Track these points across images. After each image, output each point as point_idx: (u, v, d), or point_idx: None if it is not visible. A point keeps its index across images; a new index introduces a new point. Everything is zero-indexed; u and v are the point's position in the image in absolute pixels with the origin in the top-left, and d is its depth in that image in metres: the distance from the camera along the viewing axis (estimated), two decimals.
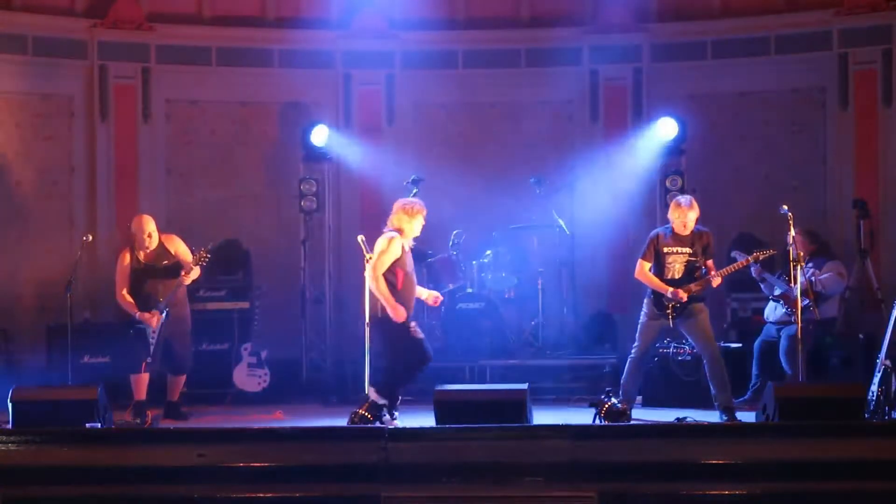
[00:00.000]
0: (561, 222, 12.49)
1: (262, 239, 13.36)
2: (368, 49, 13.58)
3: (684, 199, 9.86)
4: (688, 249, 9.75)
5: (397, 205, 9.64)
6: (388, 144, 13.60)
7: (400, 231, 9.53)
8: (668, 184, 12.41)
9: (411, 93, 13.64)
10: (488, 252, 12.33)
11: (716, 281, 9.74)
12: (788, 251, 9.91)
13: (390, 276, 9.40)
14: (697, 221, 9.81)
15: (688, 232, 9.77)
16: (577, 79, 13.55)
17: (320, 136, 12.68)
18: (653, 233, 10.08)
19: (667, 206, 12.31)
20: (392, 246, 9.42)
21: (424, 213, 9.63)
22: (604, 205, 13.35)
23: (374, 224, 12.87)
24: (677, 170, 12.47)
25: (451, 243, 12.24)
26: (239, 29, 13.47)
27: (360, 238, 9.88)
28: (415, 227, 9.60)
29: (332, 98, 13.61)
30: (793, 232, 9.86)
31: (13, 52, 12.72)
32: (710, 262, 9.82)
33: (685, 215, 9.74)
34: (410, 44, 13.61)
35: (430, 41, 13.67)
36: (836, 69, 12.82)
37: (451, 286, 12.13)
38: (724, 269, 9.90)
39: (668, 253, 9.78)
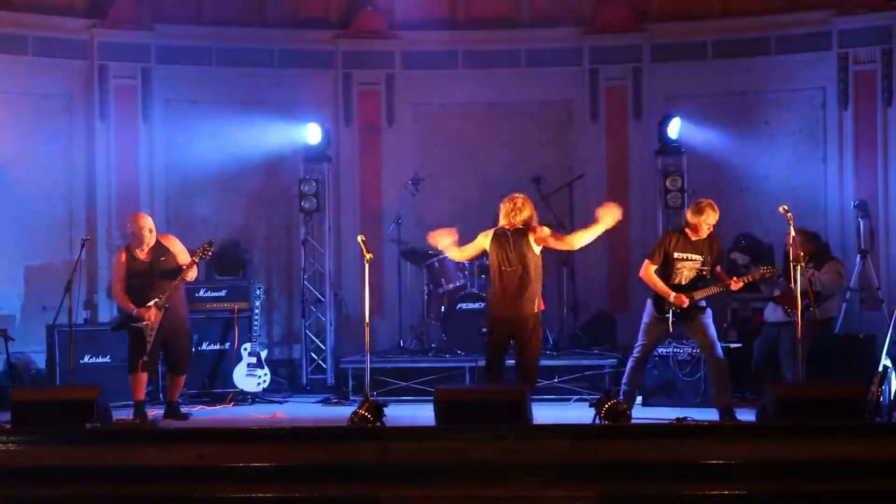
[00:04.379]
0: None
1: (262, 239, 13.37)
2: (368, 49, 13.60)
3: (706, 202, 9.64)
4: (699, 257, 9.62)
5: (522, 200, 9.48)
6: (388, 144, 13.62)
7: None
8: (668, 184, 12.42)
9: (411, 93, 13.65)
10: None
11: (736, 285, 9.67)
12: (788, 251, 9.90)
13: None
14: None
15: (703, 236, 9.69)
16: (577, 79, 13.55)
17: (320, 136, 12.70)
18: (664, 234, 10.02)
19: (667, 206, 12.42)
20: None
21: None
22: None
23: (374, 224, 13.01)
24: (677, 170, 12.48)
25: None
26: (239, 29, 13.47)
27: (361, 238, 9.89)
28: None
29: (332, 98, 13.61)
30: (792, 232, 9.84)
31: (13, 52, 12.71)
32: (718, 269, 9.76)
33: (710, 219, 9.59)
34: (410, 44, 13.62)
35: (430, 41, 13.68)
36: (836, 69, 12.82)
37: (450, 286, 12.14)
38: (743, 279, 9.80)
39: (678, 259, 9.65)
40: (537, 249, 9.40)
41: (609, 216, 9.33)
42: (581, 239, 9.44)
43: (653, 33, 13.48)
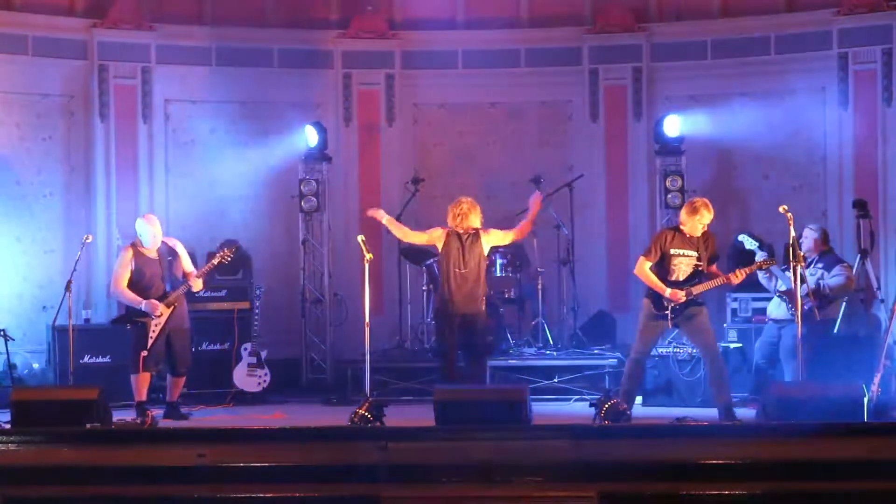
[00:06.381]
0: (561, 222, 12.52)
1: (262, 239, 13.36)
2: (368, 49, 13.59)
3: (700, 202, 9.67)
4: (695, 253, 9.63)
5: (468, 204, 9.88)
6: (388, 144, 13.61)
7: None
8: (668, 184, 12.42)
9: (411, 93, 13.66)
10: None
11: (736, 279, 9.67)
12: (788, 250, 9.88)
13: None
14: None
15: (698, 234, 9.69)
16: (577, 79, 13.56)
17: (319, 136, 12.69)
18: (659, 232, 10.01)
19: (667, 206, 12.42)
20: None
21: None
22: (603, 204, 13.39)
23: (374, 224, 12.97)
24: (677, 170, 12.48)
25: None
26: (239, 29, 13.47)
27: (361, 238, 9.90)
28: None
29: (332, 98, 13.61)
30: (793, 232, 9.81)
31: (13, 52, 12.71)
32: (714, 267, 9.75)
33: (704, 219, 9.61)
34: (410, 44, 13.63)
35: (430, 41, 13.68)
36: (836, 69, 12.81)
37: None
38: (742, 271, 9.78)
39: (675, 255, 9.65)
40: (486, 251, 9.95)
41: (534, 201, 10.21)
42: (525, 228, 10.06)
43: (653, 33, 13.49)
